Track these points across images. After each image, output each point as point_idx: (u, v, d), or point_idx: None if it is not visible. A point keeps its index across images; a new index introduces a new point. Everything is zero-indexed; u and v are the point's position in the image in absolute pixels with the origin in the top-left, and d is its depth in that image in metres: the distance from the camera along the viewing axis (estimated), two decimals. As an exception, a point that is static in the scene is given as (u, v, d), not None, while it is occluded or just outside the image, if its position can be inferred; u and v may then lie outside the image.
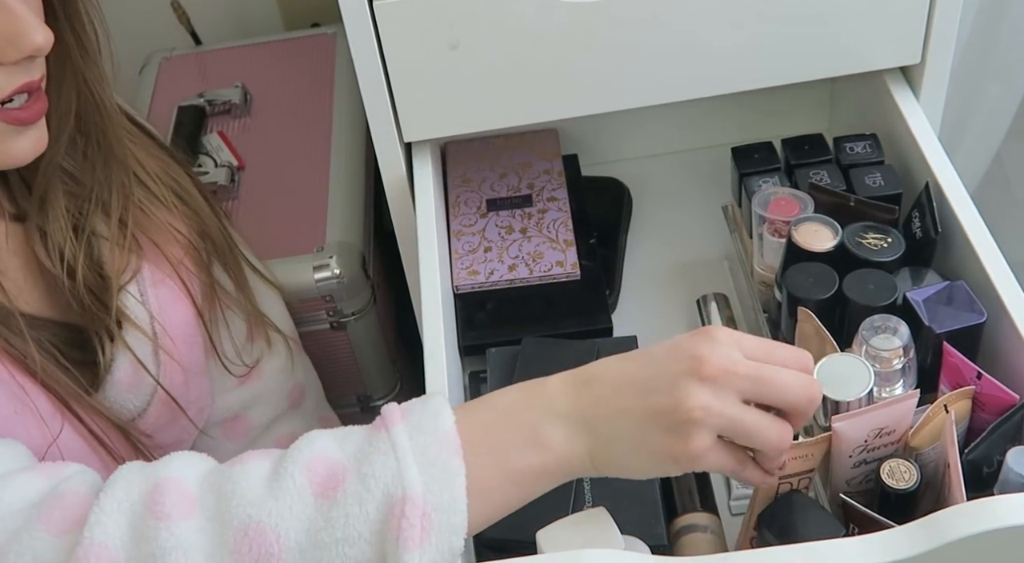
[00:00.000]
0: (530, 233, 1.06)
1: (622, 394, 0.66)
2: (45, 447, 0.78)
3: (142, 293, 0.86)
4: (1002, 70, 1.34)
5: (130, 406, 0.86)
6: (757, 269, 0.95)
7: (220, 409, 0.98)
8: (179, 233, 0.90)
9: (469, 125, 0.97)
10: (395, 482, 0.63)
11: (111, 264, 0.84)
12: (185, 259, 0.91)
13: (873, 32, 0.94)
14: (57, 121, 0.80)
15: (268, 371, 1.01)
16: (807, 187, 0.92)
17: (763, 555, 0.67)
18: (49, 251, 0.82)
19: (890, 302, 0.80)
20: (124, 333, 0.85)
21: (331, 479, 0.64)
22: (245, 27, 1.53)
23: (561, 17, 0.89)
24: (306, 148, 1.28)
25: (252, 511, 0.63)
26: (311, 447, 0.66)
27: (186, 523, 0.63)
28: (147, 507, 0.64)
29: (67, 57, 0.79)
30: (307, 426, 1.05)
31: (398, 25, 0.88)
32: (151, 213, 0.88)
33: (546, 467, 0.66)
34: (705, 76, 0.95)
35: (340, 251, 1.14)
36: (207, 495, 0.64)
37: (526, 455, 0.66)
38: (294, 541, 0.63)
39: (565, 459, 0.66)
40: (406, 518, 0.62)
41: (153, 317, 0.87)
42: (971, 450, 0.72)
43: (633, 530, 0.74)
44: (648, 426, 0.65)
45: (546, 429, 0.66)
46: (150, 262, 0.88)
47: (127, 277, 0.85)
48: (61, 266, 0.82)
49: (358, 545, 0.63)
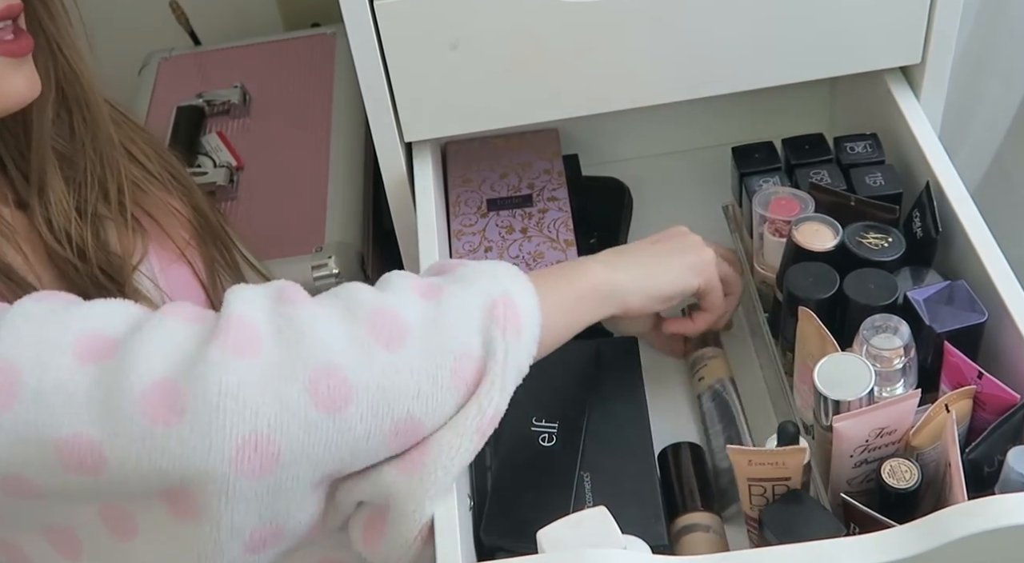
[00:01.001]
0: (530, 233, 1.06)
1: (649, 250, 0.87)
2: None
3: (153, 276, 0.86)
4: (1002, 70, 1.34)
5: None
6: (758, 269, 0.95)
7: None
8: (179, 213, 0.90)
9: (469, 125, 0.97)
10: (492, 284, 0.74)
11: (119, 244, 0.84)
12: (191, 241, 0.90)
13: (873, 32, 0.94)
14: (40, 100, 0.79)
15: None
16: (807, 187, 0.92)
17: (764, 555, 0.67)
18: (56, 235, 0.81)
19: (891, 302, 0.80)
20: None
21: (432, 288, 0.74)
22: (245, 27, 1.53)
23: (561, 17, 0.89)
24: (305, 148, 1.28)
25: (376, 302, 0.71)
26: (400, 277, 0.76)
27: (316, 306, 0.71)
28: (278, 298, 0.71)
29: (36, 24, 0.78)
30: None
31: (398, 25, 0.88)
32: (149, 191, 0.88)
33: (593, 288, 0.80)
34: (705, 76, 0.95)
35: (339, 251, 1.14)
36: (330, 297, 0.73)
37: (575, 283, 0.80)
38: (414, 319, 0.70)
39: (605, 280, 0.81)
40: (510, 306, 0.73)
41: (165, 299, 0.86)
42: (972, 450, 0.72)
43: (633, 530, 0.74)
44: (674, 253, 0.86)
45: (588, 267, 0.82)
46: (156, 244, 0.88)
47: (137, 258, 0.85)
48: (71, 249, 0.81)
49: (467, 326, 0.71)
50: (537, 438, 0.85)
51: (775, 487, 0.75)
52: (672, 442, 0.89)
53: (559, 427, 0.85)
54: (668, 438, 0.89)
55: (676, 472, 0.86)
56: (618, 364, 0.92)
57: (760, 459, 0.74)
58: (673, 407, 0.96)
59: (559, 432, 0.85)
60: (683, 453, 0.88)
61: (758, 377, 0.98)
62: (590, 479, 0.83)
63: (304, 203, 1.21)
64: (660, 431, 0.88)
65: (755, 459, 0.74)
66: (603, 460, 0.84)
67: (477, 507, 0.81)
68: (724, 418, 0.91)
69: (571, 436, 0.85)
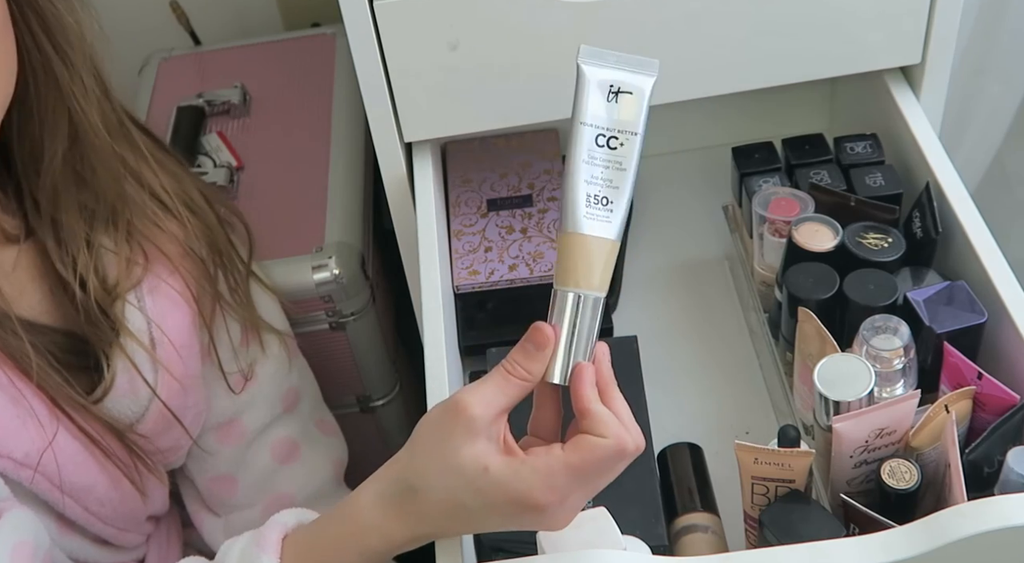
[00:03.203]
0: (530, 233, 1.06)
1: (455, 519, 0.66)
2: (41, 449, 0.78)
3: (139, 299, 0.86)
4: (1002, 70, 1.34)
5: (128, 413, 0.86)
6: (757, 269, 0.95)
7: (215, 414, 0.98)
8: (182, 242, 0.90)
9: (469, 125, 0.97)
10: None
11: (114, 275, 0.85)
12: (186, 263, 0.90)
13: (873, 32, 0.94)
14: (50, 130, 0.79)
15: (262, 375, 1.01)
16: (807, 187, 0.92)
17: (764, 555, 0.67)
18: (64, 264, 0.82)
19: (890, 302, 0.80)
20: (122, 341, 0.85)
21: None
22: (245, 27, 1.52)
23: (561, 17, 0.89)
24: (305, 148, 1.28)
25: None
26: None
27: None
28: None
29: (49, 70, 0.78)
30: (302, 429, 1.05)
31: (398, 25, 0.88)
32: (161, 224, 0.88)
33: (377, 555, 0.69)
34: (705, 76, 0.95)
35: (339, 251, 1.14)
36: None
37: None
38: None
39: (401, 544, 0.68)
40: None
41: (151, 323, 0.87)
42: (972, 450, 0.72)
43: (633, 530, 0.74)
44: (515, 518, 0.65)
45: (382, 531, 0.68)
46: (152, 270, 0.88)
47: (127, 286, 0.86)
48: (75, 278, 0.82)
49: None
50: (537, 438, 0.85)
51: (778, 488, 0.75)
52: (672, 442, 0.89)
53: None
54: (668, 438, 0.89)
55: (675, 473, 0.86)
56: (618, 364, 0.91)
57: (766, 458, 0.73)
58: (673, 407, 0.96)
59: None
60: (683, 453, 0.88)
61: (758, 377, 0.98)
62: (590, 479, 0.82)
63: (304, 203, 1.21)
64: (660, 431, 0.88)
65: (761, 457, 0.73)
66: (603, 460, 0.84)
67: (477, 507, 0.81)
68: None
69: (571, 436, 0.85)
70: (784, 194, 0.91)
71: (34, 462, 0.78)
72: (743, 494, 0.77)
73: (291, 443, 1.03)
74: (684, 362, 1.00)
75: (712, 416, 0.97)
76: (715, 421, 0.97)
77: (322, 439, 1.07)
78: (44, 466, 0.79)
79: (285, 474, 1.02)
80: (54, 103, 0.79)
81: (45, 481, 0.80)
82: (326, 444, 1.08)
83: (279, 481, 1.02)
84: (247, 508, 1.01)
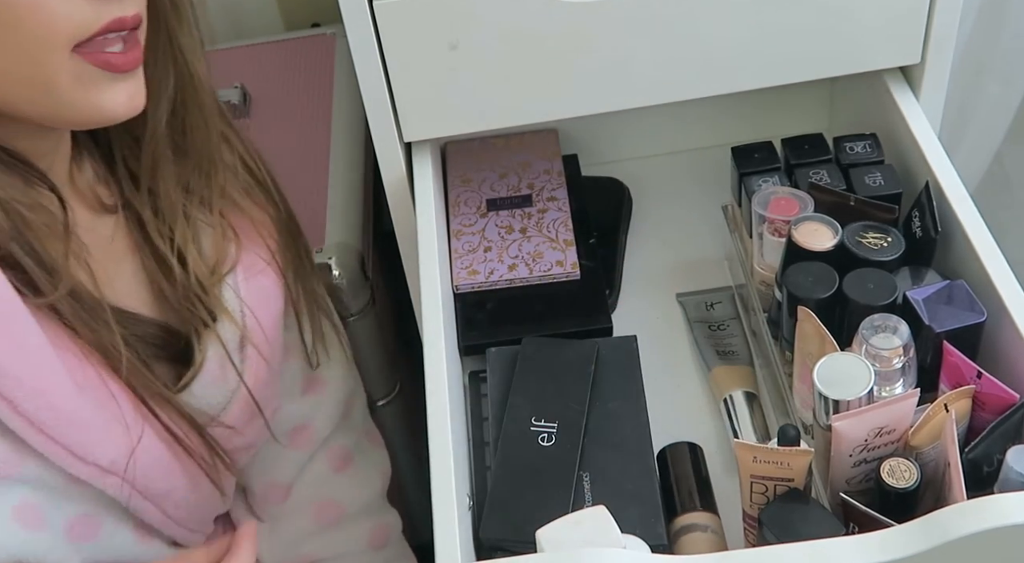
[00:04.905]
0: (530, 233, 1.06)
1: None
2: (128, 454, 0.75)
3: (236, 286, 0.84)
4: (1002, 70, 1.34)
5: (213, 402, 0.84)
6: (757, 269, 0.95)
7: (287, 417, 0.97)
8: (275, 224, 0.88)
9: (469, 125, 0.97)
10: None
11: (210, 248, 0.82)
12: (283, 252, 0.89)
13: (873, 32, 0.94)
14: (156, 91, 0.75)
15: (330, 378, 1.00)
16: (807, 187, 0.92)
17: (763, 554, 0.67)
18: (162, 235, 0.79)
19: (890, 301, 0.80)
20: (218, 325, 0.82)
21: None
22: (245, 27, 1.52)
23: (561, 17, 0.89)
24: (305, 148, 1.28)
25: None
26: None
27: None
28: None
29: (161, 22, 0.74)
30: (355, 439, 1.03)
31: (398, 25, 0.88)
32: (251, 200, 0.86)
33: None
34: (705, 76, 0.95)
35: (339, 252, 1.14)
36: None
37: None
38: None
39: None
40: None
41: (245, 309, 0.84)
42: (971, 449, 0.72)
43: (633, 530, 0.74)
44: None
45: None
46: (245, 253, 0.86)
47: (227, 266, 0.83)
48: (172, 251, 0.78)
49: None
50: (536, 438, 0.85)
51: (777, 487, 0.75)
52: (671, 442, 0.89)
53: (559, 427, 0.85)
54: (668, 438, 0.89)
55: (675, 472, 0.86)
56: (618, 364, 0.92)
57: (765, 457, 0.73)
58: (673, 407, 0.96)
59: (559, 432, 0.85)
60: (682, 453, 0.88)
61: (758, 377, 0.98)
62: (589, 479, 0.83)
63: (304, 203, 1.21)
64: (660, 431, 0.88)
65: (760, 456, 0.73)
66: (603, 460, 0.84)
67: (476, 507, 0.82)
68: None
69: (571, 436, 0.85)
70: (783, 194, 0.91)
71: (121, 468, 0.74)
72: (742, 493, 0.77)
73: (345, 452, 1.02)
74: (684, 362, 1.00)
75: (712, 416, 0.97)
76: (715, 421, 0.97)
77: (372, 450, 1.07)
78: (129, 471, 0.75)
79: (338, 483, 1.01)
80: (163, 56, 0.75)
81: (127, 486, 0.76)
82: (376, 456, 1.07)
83: (332, 490, 1.01)
84: (296, 516, 0.99)
